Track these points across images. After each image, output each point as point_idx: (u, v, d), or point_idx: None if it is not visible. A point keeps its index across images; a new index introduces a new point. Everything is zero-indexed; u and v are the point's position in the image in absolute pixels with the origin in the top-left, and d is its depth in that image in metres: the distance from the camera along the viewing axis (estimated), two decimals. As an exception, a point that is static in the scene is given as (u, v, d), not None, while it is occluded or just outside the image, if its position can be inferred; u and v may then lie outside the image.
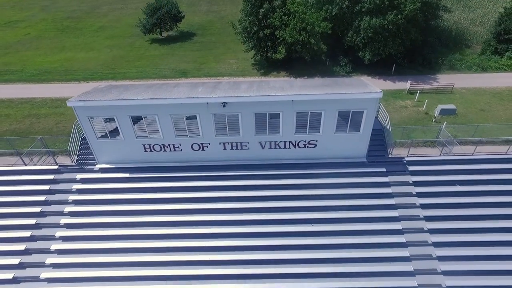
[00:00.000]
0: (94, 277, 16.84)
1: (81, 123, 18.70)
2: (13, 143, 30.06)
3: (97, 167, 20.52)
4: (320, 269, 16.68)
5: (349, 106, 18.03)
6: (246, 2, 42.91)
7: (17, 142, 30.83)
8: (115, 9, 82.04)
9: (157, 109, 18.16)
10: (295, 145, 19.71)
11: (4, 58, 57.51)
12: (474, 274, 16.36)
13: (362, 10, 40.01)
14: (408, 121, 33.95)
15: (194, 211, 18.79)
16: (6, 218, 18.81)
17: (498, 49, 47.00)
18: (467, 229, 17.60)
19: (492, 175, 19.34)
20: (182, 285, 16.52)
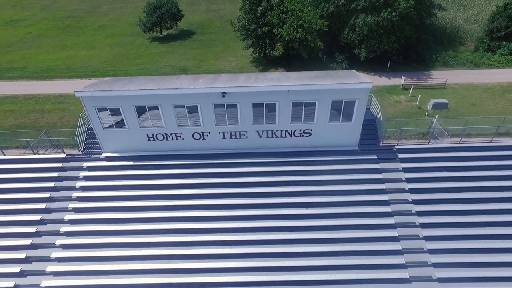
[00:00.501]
0: (102, 256, 17.89)
1: (88, 113, 19.74)
2: (19, 136, 31.13)
3: (103, 155, 21.57)
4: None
5: (342, 96, 19.11)
6: (245, 1, 43.99)
7: (23, 136, 31.85)
8: (115, 8, 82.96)
9: (160, 99, 19.21)
10: (291, 134, 20.78)
11: (6, 56, 58.48)
12: (459, 249, 17.47)
13: (357, 8, 41.12)
14: (402, 115, 35.05)
15: (196, 196, 19.83)
16: (17, 203, 19.84)
17: (490, 46, 48.16)
18: (453, 211, 18.70)
19: (477, 162, 20.44)
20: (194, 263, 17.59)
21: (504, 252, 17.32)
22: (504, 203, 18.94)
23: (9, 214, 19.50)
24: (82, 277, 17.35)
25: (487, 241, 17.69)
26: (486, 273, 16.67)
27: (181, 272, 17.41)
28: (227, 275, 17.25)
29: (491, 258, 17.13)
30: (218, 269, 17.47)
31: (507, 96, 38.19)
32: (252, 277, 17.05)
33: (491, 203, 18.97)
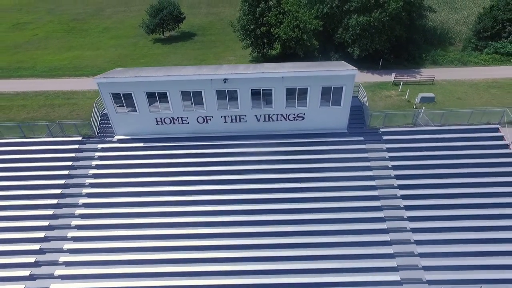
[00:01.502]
0: (115, 224, 20.03)
1: (103, 98, 21.99)
2: (33, 128, 33.26)
3: (115, 138, 23.78)
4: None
5: (330, 82, 21.39)
6: (244, 2, 46.49)
7: (36, 127, 33.99)
8: (119, 11, 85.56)
9: (168, 85, 21.46)
10: (286, 118, 23.03)
11: (15, 56, 60.85)
12: (435, 219, 19.65)
13: (350, 9, 43.60)
14: (392, 107, 37.35)
15: (201, 173, 21.99)
16: (38, 180, 21.97)
17: (478, 46, 50.65)
18: (432, 184, 20.91)
19: (454, 143, 22.71)
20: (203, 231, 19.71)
21: (473, 208, 19.50)
22: (477, 178, 21.12)
23: (33, 189, 21.63)
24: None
25: (460, 209, 19.88)
26: (456, 235, 18.85)
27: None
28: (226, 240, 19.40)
29: (458, 223, 19.33)
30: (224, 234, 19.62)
31: (491, 91, 40.55)
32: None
33: (466, 178, 21.16)
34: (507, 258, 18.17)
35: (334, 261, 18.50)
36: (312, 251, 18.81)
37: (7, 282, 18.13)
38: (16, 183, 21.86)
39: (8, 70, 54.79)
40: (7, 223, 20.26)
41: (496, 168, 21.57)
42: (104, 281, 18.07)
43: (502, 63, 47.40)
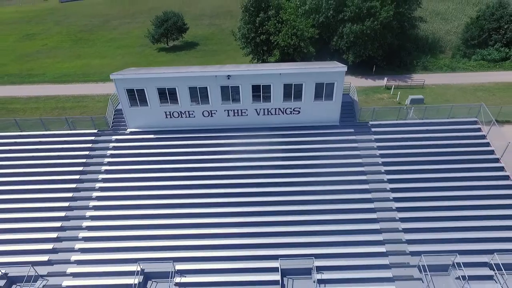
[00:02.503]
0: (126, 205, 22.14)
1: (118, 93, 24.40)
2: (47, 125, 35.53)
3: (128, 131, 26.10)
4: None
5: (323, 78, 23.83)
6: (245, 12, 49.52)
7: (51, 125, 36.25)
8: (124, 23, 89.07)
9: (177, 81, 23.90)
10: (283, 112, 25.39)
11: (26, 64, 63.77)
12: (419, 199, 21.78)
13: (344, 18, 46.55)
14: (385, 111, 39.71)
15: (206, 161, 24.20)
16: (58, 167, 24.17)
17: (466, 53, 53.52)
18: (413, 170, 23.09)
19: (437, 134, 25.04)
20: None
21: (446, 190, 21.62)
22: (457, 164, 23.32)
23: (53, 175, 23.80)
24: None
25: (436, 192, 22.04)
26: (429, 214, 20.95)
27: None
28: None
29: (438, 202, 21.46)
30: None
31: (477, 94, 43.07)
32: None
33: (445, 164, 23.36)
34: (478, 232, 20.23)
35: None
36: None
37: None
38: (41, 170, 24.08)
39: (20, 76, 57.59)
40: (29, 204, 22.37)
41: (473, 156, 23.81)
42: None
43: (489, 69, 50.12)
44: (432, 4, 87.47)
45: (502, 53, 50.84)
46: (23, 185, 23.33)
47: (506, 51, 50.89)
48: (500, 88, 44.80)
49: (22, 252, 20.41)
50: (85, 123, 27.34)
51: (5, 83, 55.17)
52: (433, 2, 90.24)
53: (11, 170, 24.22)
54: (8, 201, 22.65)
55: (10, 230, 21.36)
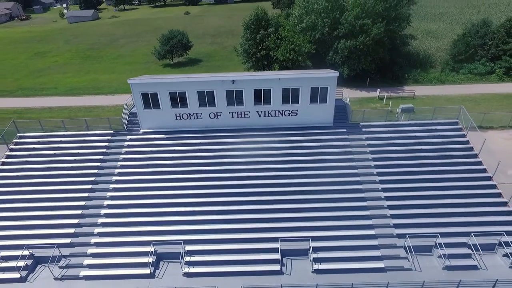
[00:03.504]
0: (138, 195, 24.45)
1: (133, 96, 27.15)
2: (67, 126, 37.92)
3: (141, 131, 28.70)
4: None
5: (317, 83, 26.64)
6: (246, 30, 53.19)
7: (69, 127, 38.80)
8: (131, 42, 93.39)
9: (187, 85, 26.69)
10: (282, 114, 28.06)
11: (38, 79, 67.13)
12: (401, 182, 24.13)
13: (339, 35, 50.07)
14: (375, 116, 42.52)
15: (213, 157, 26.66)
16: (77, 163, 26.62)
17: (454, 67, 56.84)
18: (399, 164, 25.53)
19: (419, 133, 27.64)
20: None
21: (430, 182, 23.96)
22: (441, 159, 25.80)
23: (74, 170, 26.23)
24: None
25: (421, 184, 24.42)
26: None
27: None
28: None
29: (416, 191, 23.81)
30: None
31: (464, 103, 45.66)
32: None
33: (429, 159, 25.84)
34: (457, 217, 22.48)
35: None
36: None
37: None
38: (63, 166, 26.52)
39: (33, 90, 60.78)
40: (53, 195, 24.68)
41: (454, 152, 26.32)
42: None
43: (475, 82, 53.29)
44: (423, 24, 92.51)
45: (487, 67, 54.14)
46: (48, 179, 25.72)
47: (491, 65, 54.21)
48: (485, 98, 47.76)
49: (47, 235, 22.54)
50: (102, 125, 29.93)
51: (19, 95, 58.28)
52: (425, 22, 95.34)
53: (36, 166, 26.66)
54: (35, 192, 24.96)
55: (35, 217, 23.58)
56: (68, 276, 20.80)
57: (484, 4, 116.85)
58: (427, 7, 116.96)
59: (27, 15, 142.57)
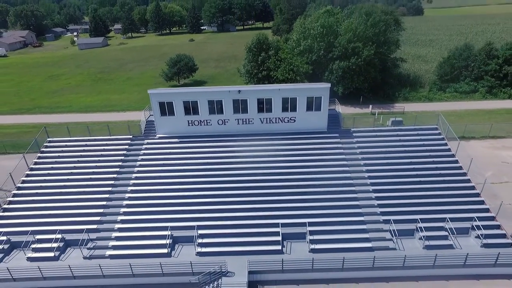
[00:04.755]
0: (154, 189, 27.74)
1: (152, 105, 31.00)
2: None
3: (157, 136, 32.37)
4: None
5: (312, 93, 30.57)
6: (249, 52, 58.20)
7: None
8: (139, 66, 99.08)
9: (199, 95, 30.63)
10: (282, 120, 31.83)
11: (54, 99, 71.63)
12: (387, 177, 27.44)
13: (333, 57, 54.85)
14: (364, 123, 46.28)
15: (220, 157, 30.15)
16: (101, 162, 30.10)
17: (441, 87, 61.33)
18: (385, 163, 28.99)
19: (403, 137, 31.32)
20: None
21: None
22: (423, 158, 29.28)
23: (99, 168, 29.66)
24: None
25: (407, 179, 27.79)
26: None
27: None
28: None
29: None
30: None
31: (449, 118, 49.46)
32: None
33: (413, 159, 29.33)
34: (436, 206, 25.72)
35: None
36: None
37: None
38: (88, 165, 30.00)
39: (49, 108, 65.08)
40: (81, 189, 28.00)
41: (436, 153, 29.87)
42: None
43: (461, 99, 57.57)
44: (415, 49, 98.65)
45: (471, 86, 58.61)
46: (77, 175, 29.14)
47: (475, 84, 58.70)
48: (469, 114, 51.78)
49: (77, 222, 25.68)
50: (122, 131, 33.71)
51: (37, 112, 62.50)
52: (416, 47, 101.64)
53: (65, 165, 30.14)
54: (65, 187, 28.29)
55: (66, 208, 26.79)
56: (95, 256, 23.82)
57: (472, 32, 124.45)
58: (418, 34, 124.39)
59: (40, 42, 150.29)
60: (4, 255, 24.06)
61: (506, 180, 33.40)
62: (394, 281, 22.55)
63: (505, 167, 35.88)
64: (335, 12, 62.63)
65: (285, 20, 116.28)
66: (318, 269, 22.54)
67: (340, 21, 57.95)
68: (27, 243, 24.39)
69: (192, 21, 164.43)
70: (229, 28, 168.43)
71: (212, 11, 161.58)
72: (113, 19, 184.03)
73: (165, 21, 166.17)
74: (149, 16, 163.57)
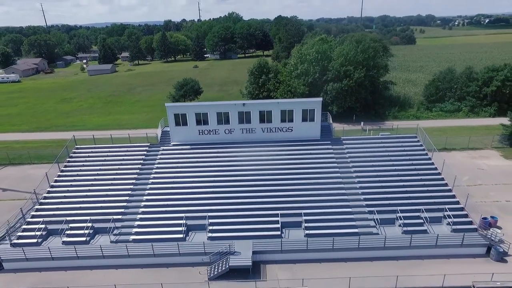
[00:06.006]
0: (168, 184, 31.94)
1: (168, 116, 35.82)
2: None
3: (172, 143, 36.97)
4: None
5: (307, 106, 35.47)
6: (251, 75, 64.02)
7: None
8: (146, 90, 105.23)
9: (208, 108, 35.52)
10: (281, 130, 36.52)
11: (68, 119, 76.83)
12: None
13: (328, 79, 60.47)
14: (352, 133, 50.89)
15: (228, 161, 34.59)
16: (123, 165, 34.52)
17: (428, 107, 66.62)
18: (372, 165, 33.39)
19: (386, 144, 35.93)
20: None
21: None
22: (403, 161, 33.70)
23: (121, 170, 34.04)
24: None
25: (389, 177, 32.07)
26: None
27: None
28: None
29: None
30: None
31: (433, 133, 54.40)
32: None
33: (398, 161, 33.76)
34: (412, 200, 29.85)
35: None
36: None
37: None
38: (111, 167, 34.40)
39: (65, 126, 70.14)
40: (106, 187, 32.23)
41: (414, 157, 34.34)
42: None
43: (445, 118, 62.63)
44: (406, 74, 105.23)
45: (455, 106, 63.87)
46: (102, 176, 33.51)
47: (458, 104, 64.00)
48: (452, 129, 56.59)
49: (103, 213, 29.76)
50: (141, 141, 38.41)
51: (54, 130, 67.45)
52: (407, 72, 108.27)
53: (92, 167, 34.58)
54: (92, 185, 32.57)
55: (94, 202, 30.94)
56: (121, 240, 27.72)
57: (460, 59, 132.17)
58: (409, 61, 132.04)
59: (51, 69, 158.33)
60: (42, 240, 28.01)
61: (479, 183, 37.63)
62: (377, 261, 26.33)
63: (480, 172, 40.21)
64: (328, 40, 69.12)
65: (284, 48, 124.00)
66: (311, 250, 26.41)
67: (333, 48, 64.14)
68: (62, 230, 28.42)
69: (196, 49, 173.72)
70: (231, 56, 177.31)
71: (215, 40, 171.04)
72: (120, 47, 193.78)
73: (171, 49, 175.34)
74: (155, 44, 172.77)
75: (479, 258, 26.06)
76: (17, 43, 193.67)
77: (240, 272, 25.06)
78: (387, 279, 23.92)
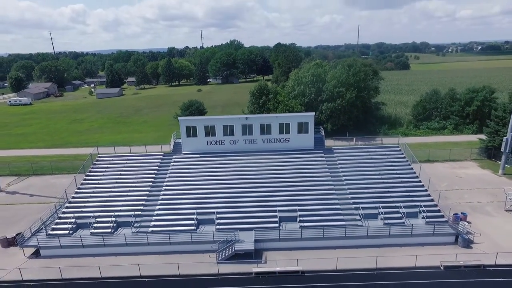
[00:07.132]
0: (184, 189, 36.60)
1: (180, 129, 41.02)
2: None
3: (183, 153, 41.95)
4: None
5: (301, 119, 40.76)
6: (252, 96, 69.88)
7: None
8: (153, 111, 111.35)
9: (216, 121, 40.79)
10: (279, 141, 41.60)
11: (81, 137, 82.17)
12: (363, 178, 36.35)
13: (322, 99, 66.24)
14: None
15: (231, 167, 39.40)
16: (140, 171, 39.35)
17: (416, 125, 72.08)
18: (360, 169, 38.18)
19: (371, 152, 40.86)
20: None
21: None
22: (387, 168, 38.51)
23: (138, 175, 38.83)
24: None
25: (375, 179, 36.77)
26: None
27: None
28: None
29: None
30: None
31: (420, 147, 59.50)
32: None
33: (379, 167, 38.58)
34: (394, 198, 34.43)
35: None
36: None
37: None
38: (129, 173, 39.20)
39: (79, 143, 75.36)
40: (126, 189, 36.90)
41: (396, 163, 39.20)
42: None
43: (432, 135, 67.87)
44: (398, 96, 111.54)
45: (440, 124, 69.33)
46: (123, 179, 38.25)
47: (443, 122, 69.47)
48: (437, 145, 61.61)
49: (125, 210, 34.30)
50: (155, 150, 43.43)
51: (69, 147, 72.61)
52: (399, 95, 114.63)
53: (113, 172, 39.39)
54: (115, 187, 37.26)
55: (116, 200, 35.54)
56: (141, 231, 32.14)
57: (451, 83, 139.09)
58: (402, 85, 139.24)
59: (60, 92, 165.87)
60: (73, 232, 32.44)
61: (456, 188, 42.25)
62: (361, 248, 30.60)
63: (458, 180, 44.92)
64: (323, 64, 75.60)
65: (283, 72, 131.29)
66: (305, 238, 30.77)
67: (327, 71, 70.40)
68: (90, 224, 32.90)
69: (200, 74, 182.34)
70: (232, 80, 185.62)
71: (218, 65, 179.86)
72: (127, 73, 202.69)
73: (175, 74, 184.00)
74: (161, 70, 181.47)
75: (448, 246, 30.36)
76: (28, 69, 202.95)
77: (244, 256, 29.35)
78: (369, 260, 28.17)
